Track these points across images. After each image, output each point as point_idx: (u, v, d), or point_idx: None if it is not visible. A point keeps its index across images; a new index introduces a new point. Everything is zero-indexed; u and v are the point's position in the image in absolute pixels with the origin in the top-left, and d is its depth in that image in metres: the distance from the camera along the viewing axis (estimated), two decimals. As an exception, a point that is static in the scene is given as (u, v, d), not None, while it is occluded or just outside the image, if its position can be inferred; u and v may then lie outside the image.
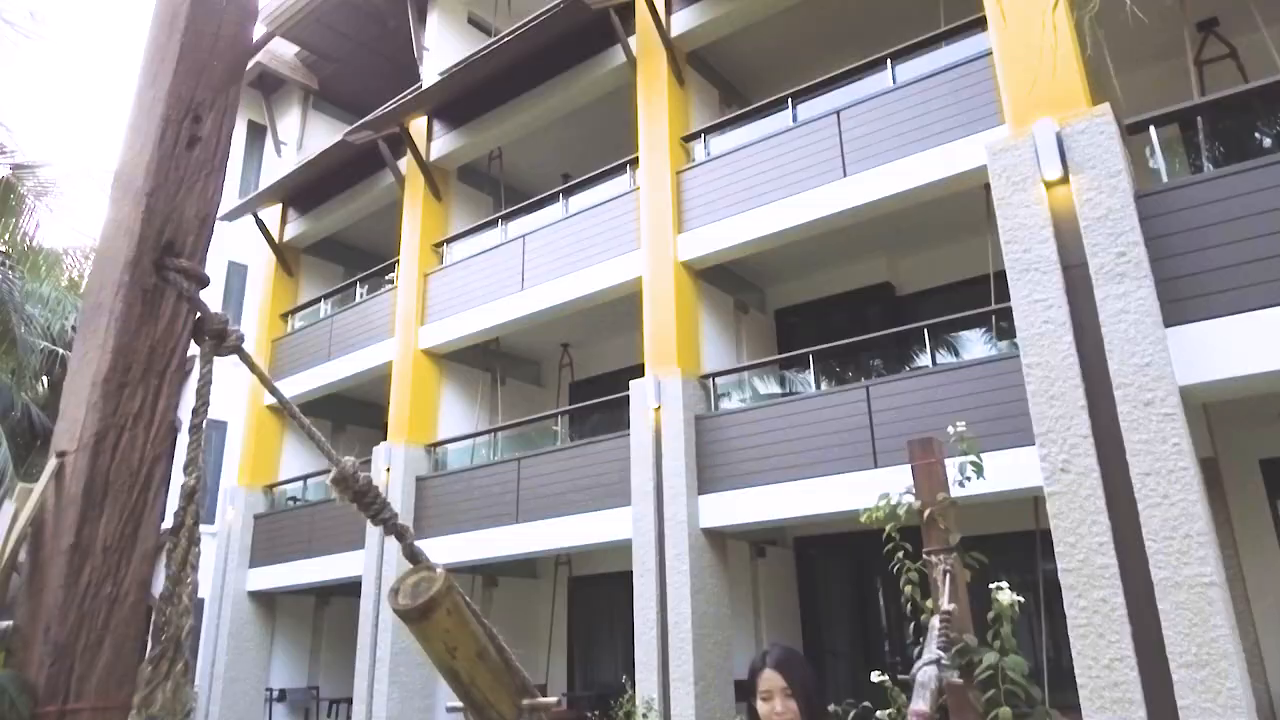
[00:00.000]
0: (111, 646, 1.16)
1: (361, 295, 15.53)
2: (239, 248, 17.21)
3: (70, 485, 1.21)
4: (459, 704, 1.59)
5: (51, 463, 1.23)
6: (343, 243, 16.88)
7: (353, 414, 15.81)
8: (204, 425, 1.36)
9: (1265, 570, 7.62)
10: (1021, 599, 4.13)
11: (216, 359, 1.39)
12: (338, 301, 16.01)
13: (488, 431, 13.24)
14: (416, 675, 11.92)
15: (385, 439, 13.56)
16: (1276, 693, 7.26)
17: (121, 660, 1.17)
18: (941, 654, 3.80)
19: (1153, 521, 5.15)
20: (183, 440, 1.36)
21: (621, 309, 11.52)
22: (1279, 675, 7.33)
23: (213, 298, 13.58)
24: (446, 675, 1.45)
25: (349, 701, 13.20)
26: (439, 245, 14.03)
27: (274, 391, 1.48)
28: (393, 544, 11.73)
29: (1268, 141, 7.46)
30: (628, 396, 10.37)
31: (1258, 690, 6.98)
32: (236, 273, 17.47)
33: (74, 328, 18.61)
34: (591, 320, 12.57)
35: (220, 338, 1.39)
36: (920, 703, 3.68)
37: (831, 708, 4.21)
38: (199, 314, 1.36)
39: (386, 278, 15.25)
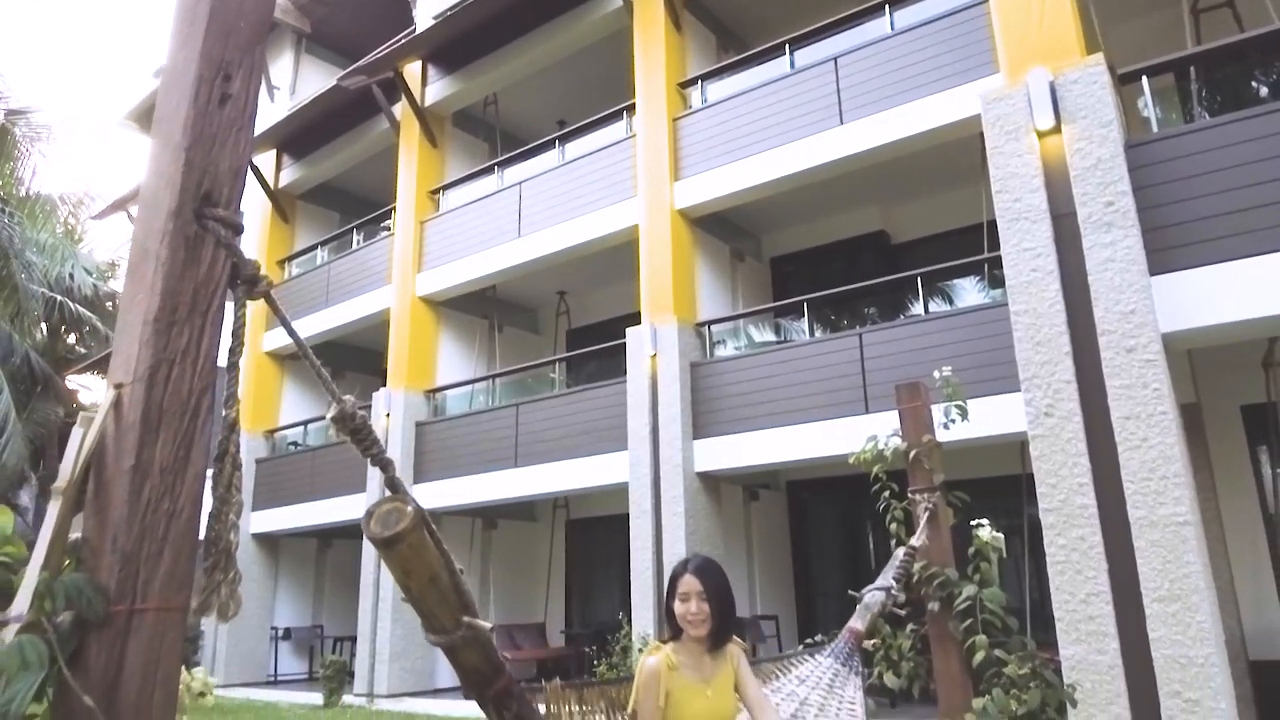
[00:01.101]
0: (170, 556, 1.31)
1: (358, 242, 15.56)
2: (234, 194, 17.14)
3: (128, 413, 1.34)
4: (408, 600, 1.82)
5: (110, 393, 1.36)
6: (339, 189, 16.84)
7: (351, 360, 15.95)
8: (240, 363, 1.50)
9: (1241, 512, 7.87)
10: (1002, 535, 4.32)
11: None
12: (334, 248, 16.04)
13: (486, 378, 13.40)
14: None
15: (384, 385, 13.72)
16: (1248, 628, 7.55)
17: (180, 568, 1.32)
18: (893, 582, 4.01)
19: (1131, 463, 5.34)
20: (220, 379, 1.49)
21: (618, 257, 11.60)
22: (1251, 611, 7.61)
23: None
24: (401, 588, 1.67)
25: (352, 639, 13.57)
26: (435, 192, 14.03)
27: (293, 335, 1.61)
28: (394, 487, 12.02)
29: (1264, 91, 7.52)
30: (624, 344, 10.51)
31: (1230, 625, 7.26)
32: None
33: (71, 275, 18.65)
34: (588, 268, 12.65)
35: (253, 283, 1.51)
36: (859, 622, 3.90)
37: (818, 637, 4.42)
38: (234, 260, 1.48)
39: (383, 225, 15.26)
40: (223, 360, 1.50)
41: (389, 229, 14.73)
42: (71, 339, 20.76)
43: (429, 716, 9.51)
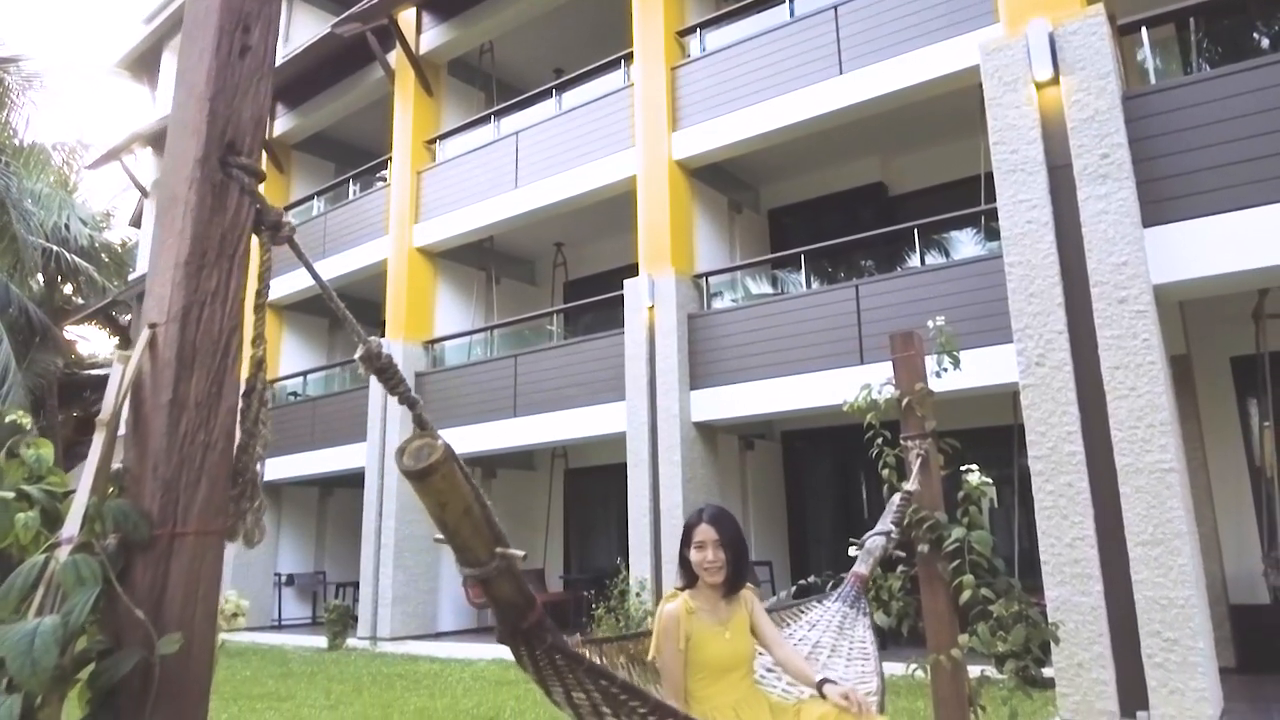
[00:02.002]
0: (207, 484, 1.40)
1: (354, 193, 15.51)
2: (229, 143, 17.02)
3: (164, 351, 1.42)
4: (443, 538, 1.90)
5: (145, 332, 1.44)
6: (333, 139, 16.72)
7: (349, 311, 15.96)
8: (266, 305, 1.58)
9: (1227, 461, 8.03)
10: (991, 480, 4.44)
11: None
12: (330, 199, 15.98)
13: (484, 329, 13.48)
14: (420, 560, 12.49)
15: (382, 336, 13.79)
16: (1229, 573, 7.76)
17: (216, 496, 1.41)
18: (893, 527, 4.15)
19: (1119, 412, 5.46)
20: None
21: (615, 208, 11.60)
22: (1233, 557, 7.81)
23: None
24: (436, 521, 1.74)
25: (354, 585, 13.83)
26: (431, 142, 13.95)
27: (316, 278, 1.68)
28: (392, 437, 12.10)
29: (1264, 43, 7.49)
30: (622, 295, 10.57)
31: (1212, 570, 7.47)
32: (227, 169, 17.33)
33: (66, 225, 18.58)
34: (585, 219, 12.65)
35: (276, 228, 1.58)
36: (862, 566, 4.05)
37: (811, 578, 4.58)
38: (258, 207, 1.55)
39: (379, 175, 15.20)
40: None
41: (385, 179, 14.68)
42: (68, 289, 20.74)
43: (431, 658, 9.76)
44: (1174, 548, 5.23)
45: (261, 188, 1.57)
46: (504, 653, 8.58)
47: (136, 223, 20.59)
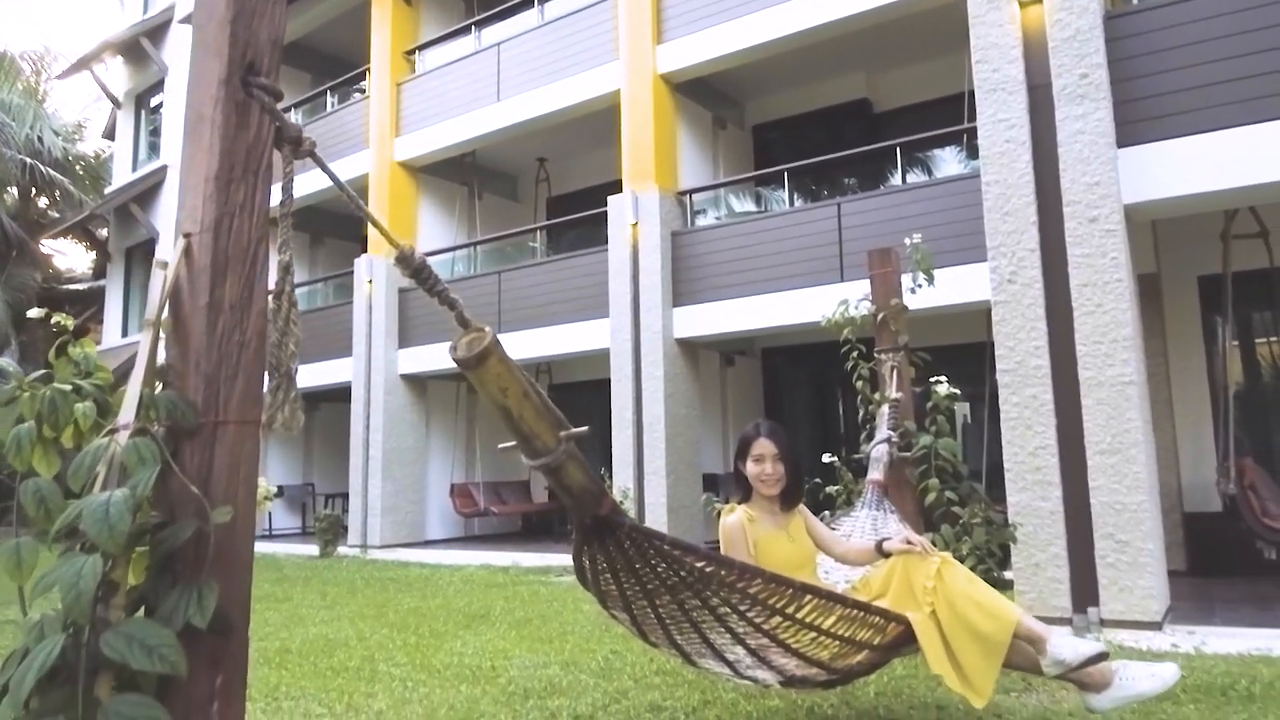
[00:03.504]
0: (244, 379, 1.56)
1: (333, 105, 15.26)
2: (202, 52, 16.60)
3: (199, 258, 1.56)
4: (511, 443, 2.01)
5: (180, 242, 1.57)
6: (309, 48, 16.31)
7: (330, 226, 15.90)
8: (289, 215, 1.71)
9: (1190, 376, 8.34)
10: (958, 392, 4.67)
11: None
12: (308, 111, 15.71)
13: (467, 245, 13.50)
14: (408, 471, 12.78)
15: (365, 251, 13.79)
16: (1185, 482, 8.14)
17: (252, 389, 1.57)
18: (891, 434, 4.39)
19: (1085, 328, 5.68)
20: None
21: (599, 123, 11.53)
22: (1189, 468, 8.19)
23: (181, 108, 13.44)
24: (500, 412, 1.85)
25: (343, 496, 14.15)
26: (411, 53, 13.70)
27: (343, 188, 1.81)
28: (379, 352, 12.24)
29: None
30: (606, 212, 10.61)
31: (1168, 479, 7.84)
32: (202, 79, 16.95)
33: (40, 137, 18.19)
34: (569, 134, 12.57)
35: (297, 144, 1.70)
36: (876, 473, 4.31)
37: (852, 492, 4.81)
38: (278, 124, 1.67)
39: (358, 86, 14.94)
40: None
41: (364, 91, 14.44)
42: (43, 203, 20.41)
43: (421, 564, 10.12)
44: (1130, 456, 5.52)
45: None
46: (493, 558, 9.00)
47: (110, 134, 20.16)
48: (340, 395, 13.72)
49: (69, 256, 24.45)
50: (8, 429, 1.46)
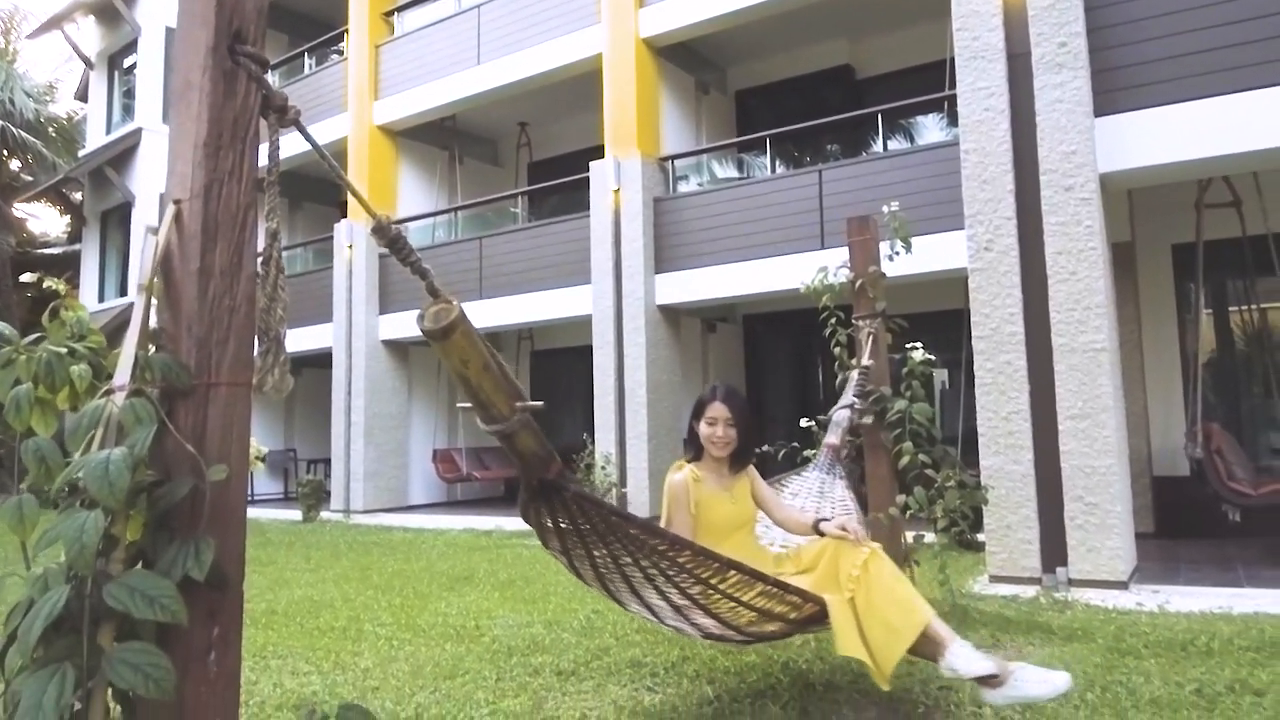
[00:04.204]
0: (235, 342, 1.60)
1: (310, 67, 15.05)
2: (173, 16, 16.31)
3: (189, 224, 1.59)
4: (468, 404, 2.08)
5: (171, 208, 1.60)
6: (286, 8, 16.04)
7: (309, 191, 15.77)
8: (276, 182, 1.74)
9: (1162, 343, 8.50)
10: (934, 358, 4.76)
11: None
12: (285, 73, 15.49)
13: (448, 210, 13.43)
14: (390, 437, 12.82)
15: (344, 217, 13.70)
16: (1155, 447, 8.33)
17: (243, 353, 1.61)
18: (855, 400, 4.49)
19: (1059, 295, 5.77)
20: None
21: (580, 87, 11.46)
22: (1159, 432, 8.37)
23: (155, 70, 13.02)
24: (459, 381, 1.92)
25: (325, 461, 14.19)
26: (389, 14, 13.52)
27: (325, 157, 1.84)
28: (360, 318, 12.22)
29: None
30: (587, 178, 10.59)
31: (1138, 444, 8.02)
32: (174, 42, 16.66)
33: (10, 99, 17.83)
34: (550, 99, 12.48)
35: (282, 112, 1.73)
36: (832, 437, 4.41)
37: (766, 447, 4.91)
38: (265, 92, 1.70)
39: (336, 48, 14.74)
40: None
41: (342, 53, 14.25)
42: (15, 165, 20.05)
43: (404, 528, 10.20)
44: (1100, 421, 5.65)
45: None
46: (475, 522, 9.10)
47: (82, 96, 19.79)
48: (321, 361, 13.70)
49: (43, 220, 24.12)
50: (6, 390, 1.49)
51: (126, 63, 18.02)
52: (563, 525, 2.39)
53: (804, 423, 4.84)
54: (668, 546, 2.52)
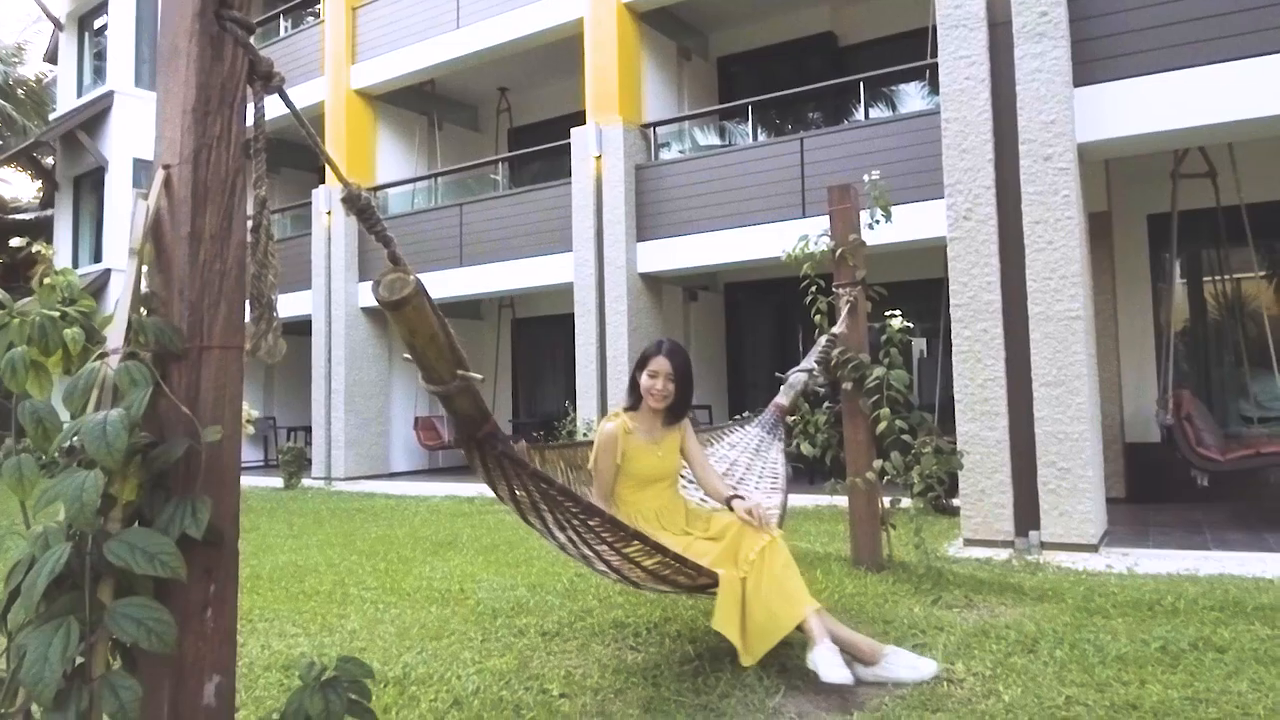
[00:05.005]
0: (226, 306, 1.62)
1: (286, 29, 14.81)
2: (147, -28, 15.95)
3: (178, 190, 1.61)
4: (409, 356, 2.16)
5: (160, 173, 1.62)
6: (261, -31, 15.76)
7: (286, 157, 15.55)
8: (263, 149, 1.75)
9: (1136, 311, 8.63)
10: (911, 326, 4.82)
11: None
12: (260, 36, 15.15)
13: (428, 176, 13.33)
14: (371, 404, 12.82)
15: (322, 183, 13.57)
16: (1127, 414, 8.49)
17: (234, 317, 1.64)
18: (815, 365, 4.56)
19: (1036, 264, 5.85)
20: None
21: (561, 52, 11.36)
22: (1132, 400, 8.53)
23: (127, 31, 12.79)
24: (406, 345, 1.99)
25: (305, 429, 14.16)
26: (368, -24, 13.29)
27: (305, 126, 1.85)
28: (339, 285, 12.14)
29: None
30: (569, 145, 10.53)
31: (1111, 411, 8.17)
32: (148, 4, 16.32)
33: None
34: (530, 64, 12.37)
35: (268, 78, 1.74)
36: (783, 398, 4.49)
37: (745, 414, 4.98)
38: (251, 58, 1.70)
39: (311, 10, 14.49)
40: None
41: (318, 15, 14.02)
42: (-16, 129, 19.66)
43: (387, 495, 10.24)
44: (1074, 388, 5.76)
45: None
46: (458, 489, 9.15)
47: (52, 58, 19.36)
48: (300, 328, 13.62)
49: (14, 185, 23.66)
50: (0, 354, 1.51)
51: (97, 24, 17.63)
52: (492, 473, 2.58)
53: (778, 375, 4.90)
54: (580, 509, 2.73)
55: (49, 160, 19.31)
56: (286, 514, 8.79)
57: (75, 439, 1.37)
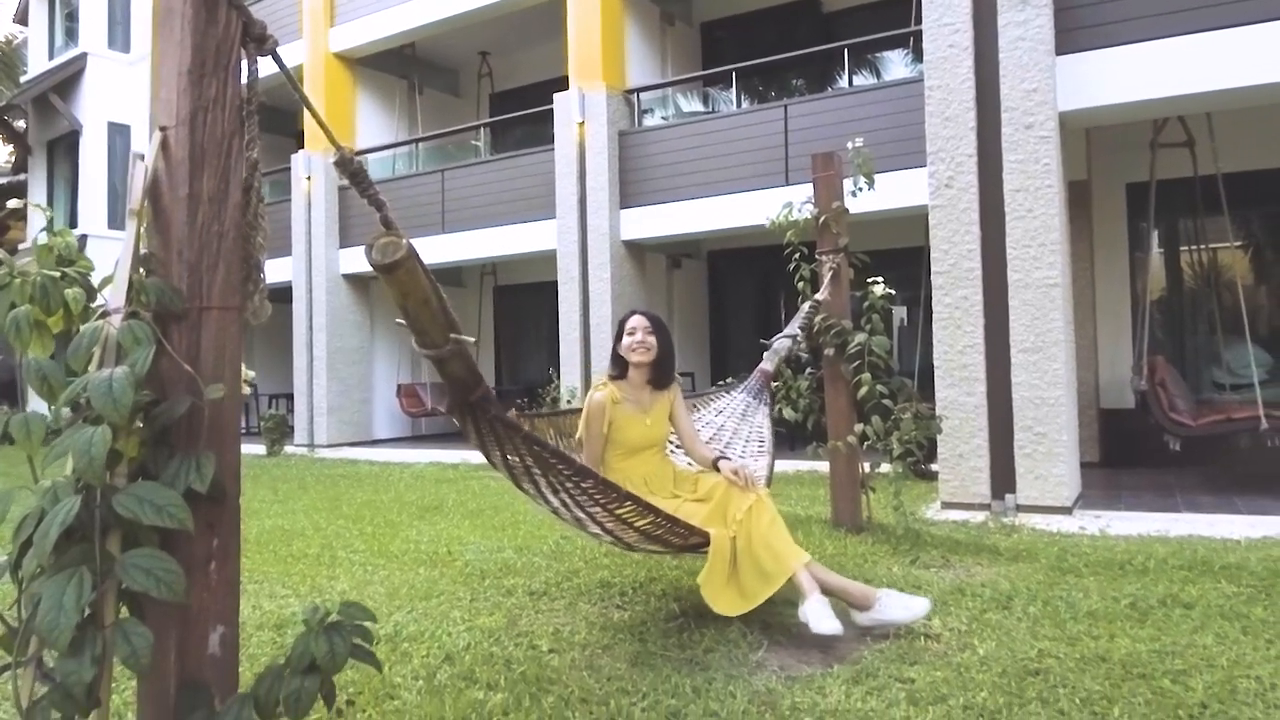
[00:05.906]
0: (224, 268, 1.65)
1: (263, -10, 14.53)
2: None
3: (176, 152, 1.63)
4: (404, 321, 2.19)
5: (156, 135, 1.63)
6: (236, -73, 15.43)
7: (263, 121, 15.26)
8: (256, 111, 1.77)
9: (1113, 279, 8.75)
10: (893, 292, 4.89)
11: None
12: (237, -4, 14.95)
13: (409, 142, 13.21)
14: (353, 371, 12.80)
15: (301, 148, 13.41)
16: (1103, 380, 8.63)
17: (231, 278, 1.66)
18: (799, 331, 4.62)
19: (1016, 232, 5.92)
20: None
21: (544, 15, 11.25)
22: (1107, 366, 8.67)
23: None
24: (399, 309, 2.02)
25: (287, 397, 14.12)
26: (346, -64, 13.05)
27: (297, 89, 1.87)
28: (320, 251, 12.04)
29: None
30: (551, 110, 10.47)
31: (1087, 378, 8.31)
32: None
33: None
34: (512, 27, 12.24)
35: (261, 40, 1.75)
36: (768, 364, 4.57)
37: (728, 380, 5.05)
38: (245, 21, 1.71)
39: (289, -30, 14.22)
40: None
41: (297, -25, 13.77)
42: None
43: (370, 462, 10.27)
44: (1051, 354, 5.86)
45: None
46: (441, 455, 9.20)
47: (22, 19, 18.93)
48: (281, 295, 13.53)
49: (-13, 150, 23.22)
50: (3, 314, 1.53)
51: (67, -17, 17.25)
52: (484, 436, 2.60)
53: (762, 341, 4.96)
54: (573, 472, 2.77)
55: (21, 124, 18.95)
56: (271, 480, 8.81)
57: (83, 395, 1.41)
